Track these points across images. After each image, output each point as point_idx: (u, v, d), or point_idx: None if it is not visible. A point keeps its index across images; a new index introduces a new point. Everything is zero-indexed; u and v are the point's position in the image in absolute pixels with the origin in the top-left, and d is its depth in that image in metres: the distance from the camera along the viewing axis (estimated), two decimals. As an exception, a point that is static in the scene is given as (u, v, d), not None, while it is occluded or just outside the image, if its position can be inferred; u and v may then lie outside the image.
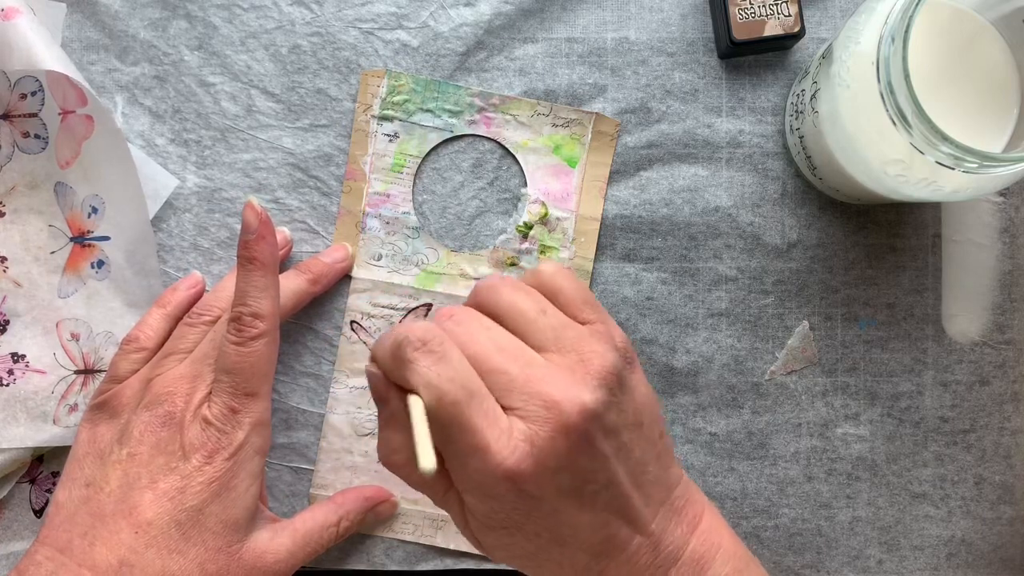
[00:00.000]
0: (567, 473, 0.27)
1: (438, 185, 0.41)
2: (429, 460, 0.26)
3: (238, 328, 0.35)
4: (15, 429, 0.40)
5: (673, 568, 0.29)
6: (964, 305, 0.41)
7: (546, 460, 0.27)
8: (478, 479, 0.27)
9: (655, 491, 0.29)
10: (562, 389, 0.27)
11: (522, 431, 0.27)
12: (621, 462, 0.28)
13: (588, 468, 0.27)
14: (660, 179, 0.41)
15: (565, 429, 0.27)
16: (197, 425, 0.35)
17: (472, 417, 0.26)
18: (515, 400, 0.27)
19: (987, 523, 0.41)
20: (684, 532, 0.30)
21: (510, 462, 0.26)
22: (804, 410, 0.41)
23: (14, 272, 0.41)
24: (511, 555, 0.30)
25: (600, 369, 0.28)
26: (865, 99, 0.32)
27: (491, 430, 0.26)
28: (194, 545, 0.34)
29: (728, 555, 0.30)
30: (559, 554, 0.29)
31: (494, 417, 0.27)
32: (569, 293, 0.30)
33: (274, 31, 0.41)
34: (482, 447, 0.26)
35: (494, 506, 0.28)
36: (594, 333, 0.29)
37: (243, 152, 0.41)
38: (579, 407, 0.27)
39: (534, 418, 0.27)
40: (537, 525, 0.28)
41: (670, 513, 0.30)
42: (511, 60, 0.41)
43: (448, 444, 0.27)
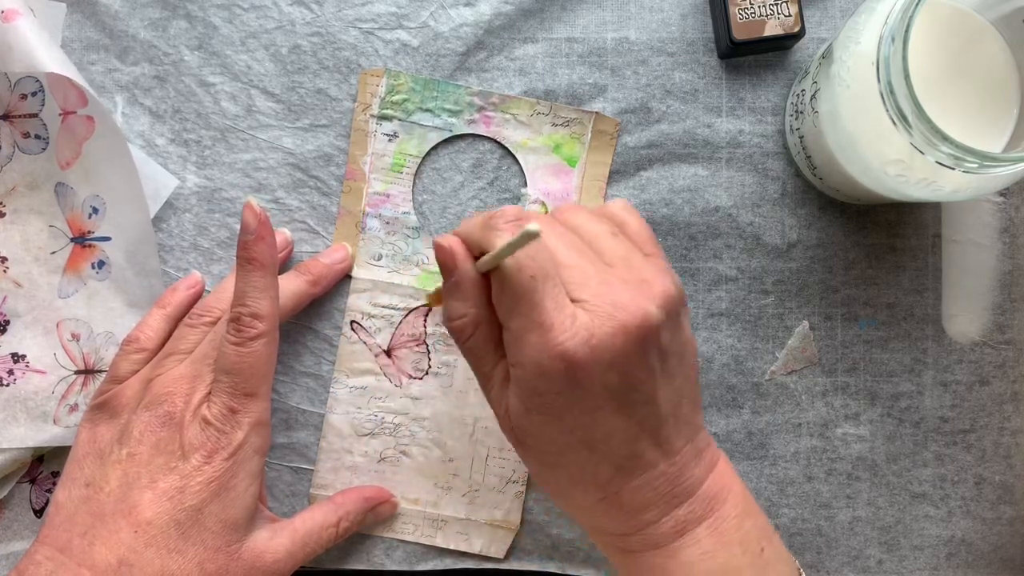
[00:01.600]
0: (616, 372, 0.29)
1: (438, 185, 0.41)
2: (534, 225, 0.27)
3: (237, 328, 0.35)
4: (15, 429, 0.40)
5: (687, 501, 0.31)
6: (964, 305, 0.41)
7: (601, 354, 0.28)
8: (534, 354, 0.28)
9: (685, 427, 0.31)
10: (628, 295, 0.29)
11: (585, 322, 0.28)
12: (664, 383, 0.30)
13: (635, 375, 0.29)
14: (660, 179, 0.41)
15: (625, 330, 0.28)
16: (196, 425, 0.35)
17: (544, 295, 0.28)
18: (584, 293, 0.29)
19: (987, 523, 0.41)
20: (703, 471, 0.31)
21: (568, 344, 0.28)
22: (804, 410, 0.41)
23: (14, 272, 0.41)
24: (538, 445, 0.31)
25: (662, 292, 0.30)
26: (865, 99, 0.32)
27: (557, 312, 0.28)
28: (193, 545, 0.34)
29: (739, 499, 0.32)
30: (585, 458, 0.30)
31: (562, 302, 0.29)
32: (637, 227, 0.33)
33: (274, 31, 0.41)
34: (546, 324, 0.28)
35: (540, 386, 0.29)
36: (656, 265, 0.31)
37: (243, 152, 0.41)
38: (642, 313, 0.29)
39: (599, 313, 0.28)
40: (574, 419, 0.29)
41: (694, 451, 0.31)
42: (511, 60, 0.41)
43: (514, 315, 0.29)
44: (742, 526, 0.31)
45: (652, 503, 0.31)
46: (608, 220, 0.32)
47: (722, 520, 0.31)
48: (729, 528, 0.31)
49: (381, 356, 0.41)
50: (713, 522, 0.31)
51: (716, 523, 0.31)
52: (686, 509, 0.31)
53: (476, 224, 0.31)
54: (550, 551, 0.41)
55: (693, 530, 0.31)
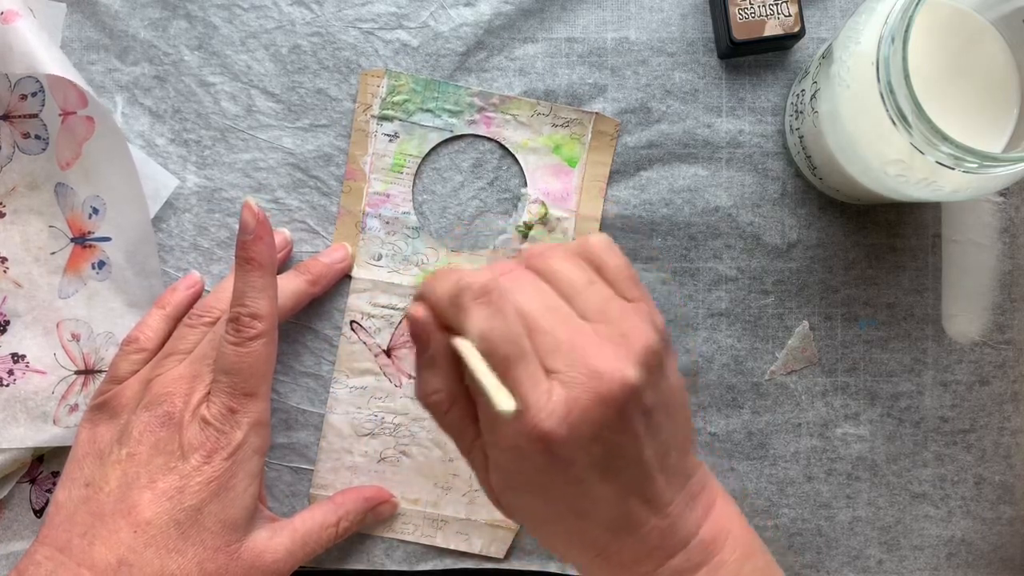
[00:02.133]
0: (599, 444, 0.27)
1: (438, 185, 0.41)
2: (508, 402, 0.26)
3: (236, 328, 0.35)
4: (15, 429, 0.40)
5: (682, 551, 0.30)
6: (964, 305, 0.41)
7: (581, 428, 0.27)
8: (510, 436, 0.27)
9: (675, 477, 0.30)
10: (606, 360, 0.27)
11: (561, 395, 0.27)
12: (650, 442, 0.28)
13: (619, 443, 0.28)
14: (660, 179, 0.41)
15: (604, 400, 0.27)
16: (196, 425, 0.35)
17: (517, 374, 0.27)
18: (558, 363, 0.27)
19: (987, 523, 0.41)
20: (698, 517, 0.30)
21: (546, 424, 0.26)
22: (804, 410, 0.41)
23: (14, 272, 0.41)
24: (527, 517, 0.30)
25: (643, 347, 0.28)
26: (865, 99, 0.32)
27: (532, 391, 0.27)
28: (193, 544, 0.34)
29: (737, 542, 0.30)
30: (575, 525, 0.29)
31: (537, 378, 0.27)
32: (616, 268, 0.30)
33: (274, 31, 0.41)
34: (521, 405, 0.27)
35: (521, 466, 0.28)
36: (638, 310, 0.29)
37: (243, 152, 0.41)
38: (621, 380, 0.27)
39: (575, 384, 0.27)
40: (560, 492, 0.28)
41: (687, 499, 0.30)
42: (511, 60, 0.41)
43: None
44: (741, 570, 0.30)
45: (646, 556, 0.30)
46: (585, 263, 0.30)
47: (720, 565, 0.30)
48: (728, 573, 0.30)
49: (381, 356, 0.41)
50: (711, 569, 0.30)
51: (714, 569, 0.30)
52: (681, 559, 0.30)
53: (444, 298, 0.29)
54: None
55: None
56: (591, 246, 0.30)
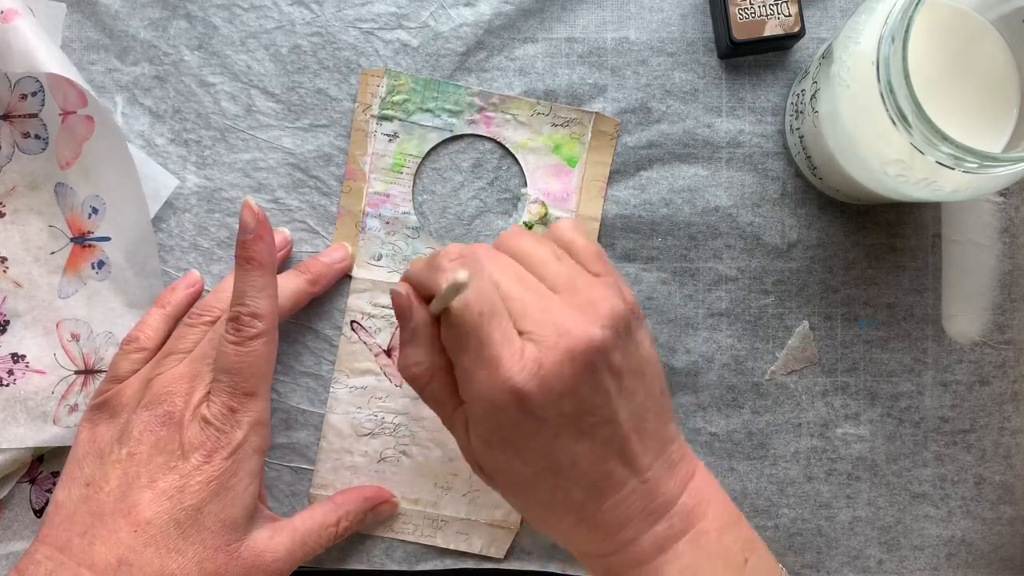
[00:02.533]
0: (570, 399, 0.29)
1: (438, 185, 0.41)
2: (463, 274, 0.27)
3: (236, 328, 0.35)
4: (15, 429, 0.40)
5: (665, 516, 0.30)
6: (964, 305, 0.41)
7: (552, 383, 0.28)
8: (485, 391, 0.28)
9: (652, 441, 0.31)
10: (573, 320, 0.29)
11: (533, 353, 0.28)
12: (623, 403, 0.30)
13: (590, 399, 0.29)
14: (660, 179, 0.41)
15: (572, 356, 0.28)
16: (196, 424, 0.35)
17: (491, 330, 0.28)
18: (529, 324, 0.29)
19: (987, 523, 0.41)
20: (678, 484, 0.31)
21: (518, 378, 0.28)
22: (804, 410, 0.41)
23: (14, 272, 0.41)
24: (509, 482, 0.31)
25: (609, 311, 0.29)
26: (865, 99, 0.32)
27: (505, 347, 0.28)
28: (193, 544, 0.34)
29: (719, 511, 0.31)
30: (555, 484, 0.30)
31: (510, 336, 0.28)
32: (583, 247, 0.32)
33: (274, 31, 0.41)
34: (494, 360, 0.28)
35: (496, 421, 0.29)
36: (604, 283, 0.31)
37: (243, 152, 0.41)
38: (587, 338, 0.28)
39: (545, 343, 0.28)
40: (536, 450, 0.29)
41: (666, 465, 0.31)
42: (511, 60, 0.41)
43: (462, 353, 0.29)
44: (723, 539, 0.31)
45: (628, 521, 0.30)
46: (552, 243, 0.32)
47: (703, 533, 0.31)
48: (710, 541, 0.31)
49: (381, 356, 0.41)
50: (694, 536, 0.30)
51: (696, 537, 0.30)
52: (664, 525, 0.30)
53: (422, 266, 0.31)
54: (550, 551, 0.41)
55: (674, 545, 0.30)
56: (559, 228, 0.33)
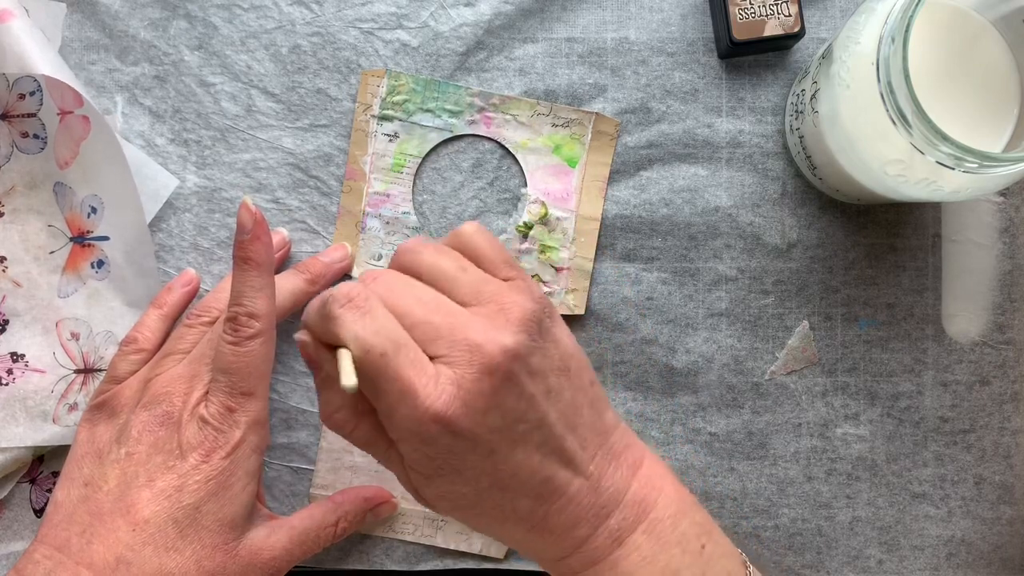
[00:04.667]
0: (496, 413, 0.28)
1: (438, 185, 0.41)
2: (350, 378, 0.27)
3: (234, 328, 0.35)
4: (15, 428, 0.40)
5: (616, 510, 0.30)
6: (964, 305, 0.41)
7: (474, 401, 0.28)
8: (409, 425, 0.28)
9: (590, 435, 0.30)
10: (484, 333, 0.28)
11: (448, 376, 0.28)
12: (551, 404, 0.29)
13: (516, 408, 0.28)
14: (660, 179, 0.41)
15: (489, 370, 0.28)
16: (194, 424, 0.35)
17: (399, 366, 0.27)
18: (440, 348, 0.28)
19: (987, 523, 0.41)
20: (625, 476, 0.31)
21: (438, 404, 0.27)
22: (804, 410, 0.41)
23: (14, 272, 0.41)
24: (454, 505, 0.30)
25: (520, 316, 0.29)
26: (865, 99, 0.32)
27: (418, 377, 0.27)
28: (191, 543, 0.34)
29: (671, 498, 0.31)
30: (501, 498, 0.30)
31: (421, 365, 0.28)
32: (489, 253, 0.31)
33: (274, 31, 0.41)
34: (410, 393, 0.27)
35: (429, 452, 0.28)
36: (513, 287, 0.30)
37: (243, 152, 0.41)
38: (501, 348, 0.28)
39: (459, 362, 0.28)
40: (475, 469, 0.29)
41: (609, 457, 0.31)
42: (511, 60, 0.41)
43: (378, 395, 0.28)
44: (678, 526, 0.31)
45: (579, 520, 0.30)
46: (455, 253, 0.31)
47: (657, 523, 0.30)
48: (665, 529, 0.30)
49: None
50: (648, 526, 0.30)
51: (651, 526, 0.30)
52: (617, 518, 0.30)
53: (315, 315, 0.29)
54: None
55: (629, 537, 0.30)
56: (461, 234, 0.32)
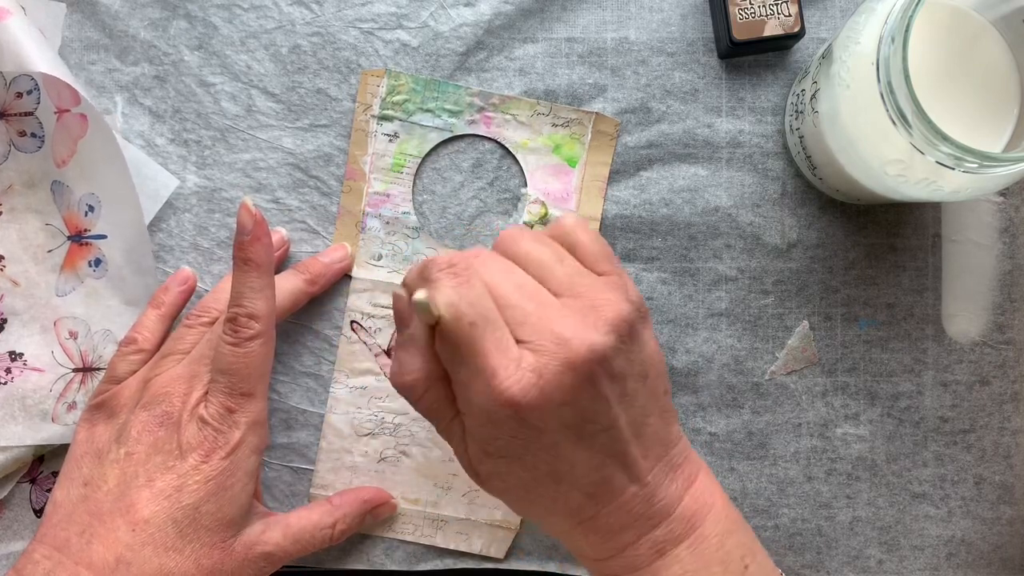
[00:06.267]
0: (570, 409, 0.28)
1: (438, 185, 0.41)
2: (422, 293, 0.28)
3: (234, 329, 0.35)
4: (13, 427, 0.40)
5: (665, 521, 0.30)
6: (964, 305, 0.41)
7: (551, 393, 0.27)
8: (482, 402, 0.28)
9: (654, 445, 0.30)
10: (573, 328, 0.28)
11: (531, 363, 0.28)
12: (624, 409, 0.29)
13: (590, 408, 0.28)
14: (660, 179, 0.41)
15: (572, 365, 0.27)
16: (194, 424, 0.35)
17: (485, 341, 0.27)
18: (528, 334, 0.28)
19: (987, 523, 0.41)
20: (679, 489, 0.31)
21: (515, 389, 0.27)
22: (804, 410, 0.41)
23: (12, 271, 0.41)
24: (506, 486, 0.30)
25: (613, 316, 0.29)
26: (865, 99, 0.32)
27: (501, 357, 0.27)
28: (190, 542, 0.34)
29: (720, 516, 0.31)
30: (554, 490, 0.30)
31: (506, 346, 0.28)
32: (587, 246, 0.31)
33: (274, 31, 0.41)
34: (489, 371, 0.27)
35: (494, 432, 0.28)
36: (609, 284, 0.30)
37: (243, 152, 0.41)
38: (588, 346, 0.28)
39: (544, 352, 0.28)
40: (535, 457, 0.29)
41: (667, 469, 0.30)
42: (511, 60, 0.41)
43: (458, 364, 0.28)
44: (724, 544, 0.30)
45: (628, 525, 0.30)
46: (554, 243, 0.31)
47: (703, 539, 0.30)
48: (710, 547, 0.30)
49: (381, 356, 0.41)
50: (693, 541, 0.30)
51: (696, 542, 0.30)
52: (664, 530, 0.30)
53: (415, 274, 0.30)
54: (550, 551, 0.41)
55: (673, 550, 0.30)
56: (562, 226, 0.32)
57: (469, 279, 0.28)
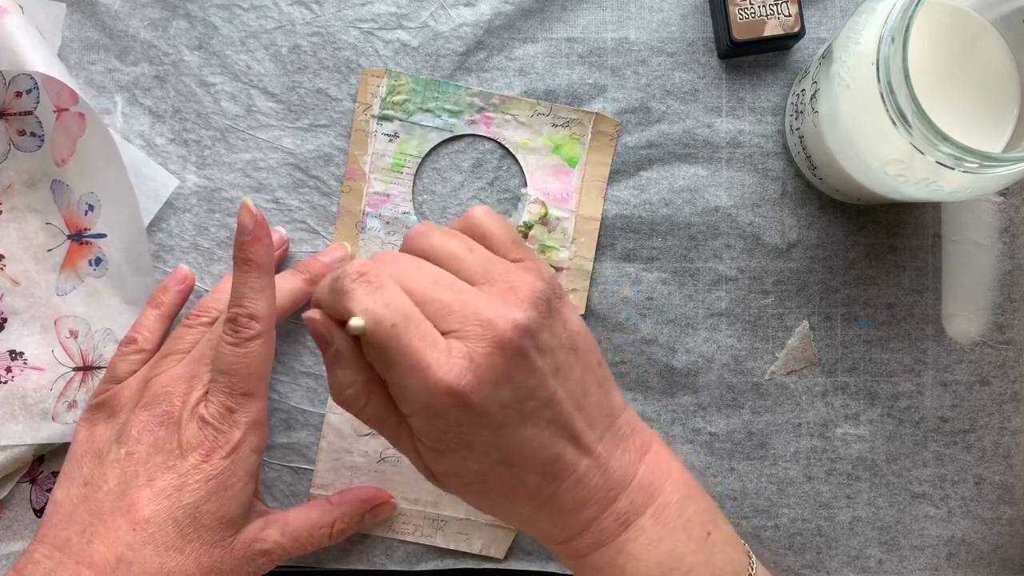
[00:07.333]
0: (507, 387, 0.28)
1: (438, 185, 0.41)
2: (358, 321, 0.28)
3: (234, 329, 0.35)
4: (14, 427, 0.40)
5: (624, 492, 0.30)
6: (964, 305, 0.41)
7: (485, 375, 0.28)
8: (421, 398, 0.28)
9: (598, 415, 0.31)
10: (495, 309, 0.29)
11: (460, 349, 0.28)
12: (560, 382, 0.30)
13: (527, 383, 0.29)
14: (660, 179, 0.41)
15: (500, 344, 0.28)
16: (194, 424, 0.35)
17: (411, 339, 0.28)
18: (452, 323, 0.28)
19: (987, 523, 0.41)
20: (632, 459, 0.31)
21: (450, 377, 0.28)
22: (804, 410, 0.41)
23: (12, 270, 0.41)
24: (464, 481, 0.30)
25: (529, 293, 0.29)
26: (865, 99, 0.32)
27: (430, 350, 0.28)
28: (191, 542, 0.34)
29: (677, 483, 0.31)
30: (510, 475, 0.30)
31: (432, 339, 0.28)
32: (498, 234, 0.32)
33: (274, 31, 0.41)
34: (422, 366, 0.28)
35: (440, 425, 0.29)
36: (521, 267, 0.31)
37: (243, 152, 0.41)
38: (512, 323, 0.28)
39: (471, 336, 0.28)
40: (485, 443, 0.29)
41: (616, 439, 0.31)
42: (511, 60, 0.41)
43: (389, 368, 0.28)
44: (684, 511, 0.31)
45: (588, 500, 0.30)
46: (462, 235, 0.32)
47: (664, 507, 0.31)
48: (671, 514, 0.31)
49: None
50: (655, 510, 0.31)
51: (658, 511, 0.31)
52: (625, 501, 0.30)
53: (327, 291, 0.29)
54: (550, 551, 0.41)
55: (636, 521, 0.30)
56: (470, 217, 0.32)
57: (382, 283, 0.28)
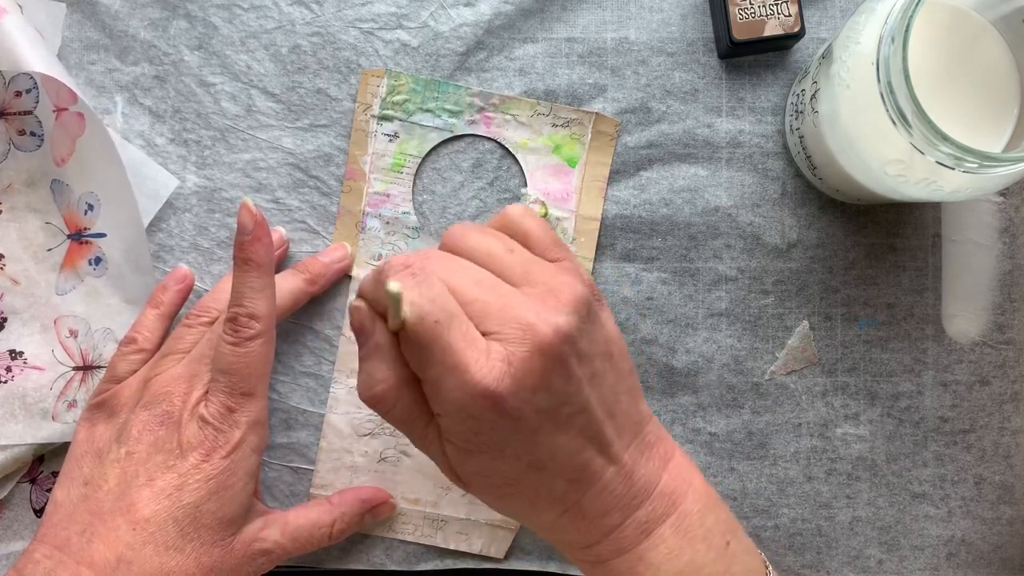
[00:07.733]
0: (544, 393, 0.28)
1: (438, 185, 0.41)
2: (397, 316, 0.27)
3: (234, 329, 0.35)
4: (14, 426, 0.40)
5: (646, 501, 0.30)
6: (964, 305, 0.41)
7: (523, 379, 0.28)
8: (457, 399, 0.28)
9: (627, 423, 0.31)
10: (536, 313, 0.28)
11: (500, 352, 0.28)
12: (594, 389, 0.29)
13: (563, 390, 0.28)
14: (660, 179, 0.41)
15: (541, 349, 0.28)
16: (194, 424, 0.35)
17: (452, 337, 0.27)
18: (492, 325, 0.28)
19: (987, 523, 0.41)
20: (656, 467, 0.31)
21: (488, 380, 0.27)
22: (804, 410, 0.41)
23: (12, 270, 0.41)
24: (490, 483, 0.30)
25: (570, 297, 0.29)
26: (865, 99, 0.32)
27: (470, 351, 0.27)
28: (191, 541, 0.34)
29: (699, 493, 0.31)
30: (537, 480, 0.30)
31: (472, 339, 0.28)
32: (537, 234, 0.31)
33: (274, 31, 0.41)
34: (460, 366, 0.27)
35: (472, 427, 0.28)
36: (562, 268, 0.30)
37: (243, 152, 0.41)
38: (553, 328, 0.28)
39: (511, 339, 0.28)
40: (516, 448, 0.29)
41: (642, 447, 0.31)
42: (511, 60, 0.41)
43: (427, 365, 0.28)
44: (704, 521, 0.31)
45: (611, 508, 0.30)
46: (502, 235, 0.31)
47: (684, 516, 0.31)
48: (692, 524, 0.31)
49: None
50: (676, 519, 0.31)
51: (679, 520, 0.31)
52: (647, 509, 0.30)
53: (369, 282, 0.29)
54: (550, 551, 0.41)
55: (657, 530, 0.30)
56: (508, 216, 0.32)
57: (427, 278, 0.28)
